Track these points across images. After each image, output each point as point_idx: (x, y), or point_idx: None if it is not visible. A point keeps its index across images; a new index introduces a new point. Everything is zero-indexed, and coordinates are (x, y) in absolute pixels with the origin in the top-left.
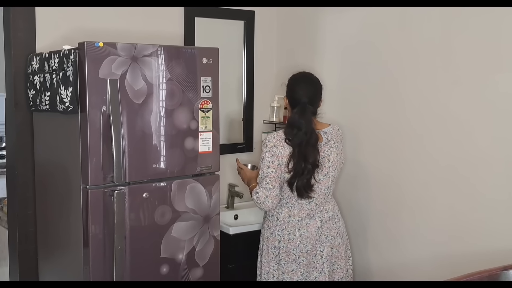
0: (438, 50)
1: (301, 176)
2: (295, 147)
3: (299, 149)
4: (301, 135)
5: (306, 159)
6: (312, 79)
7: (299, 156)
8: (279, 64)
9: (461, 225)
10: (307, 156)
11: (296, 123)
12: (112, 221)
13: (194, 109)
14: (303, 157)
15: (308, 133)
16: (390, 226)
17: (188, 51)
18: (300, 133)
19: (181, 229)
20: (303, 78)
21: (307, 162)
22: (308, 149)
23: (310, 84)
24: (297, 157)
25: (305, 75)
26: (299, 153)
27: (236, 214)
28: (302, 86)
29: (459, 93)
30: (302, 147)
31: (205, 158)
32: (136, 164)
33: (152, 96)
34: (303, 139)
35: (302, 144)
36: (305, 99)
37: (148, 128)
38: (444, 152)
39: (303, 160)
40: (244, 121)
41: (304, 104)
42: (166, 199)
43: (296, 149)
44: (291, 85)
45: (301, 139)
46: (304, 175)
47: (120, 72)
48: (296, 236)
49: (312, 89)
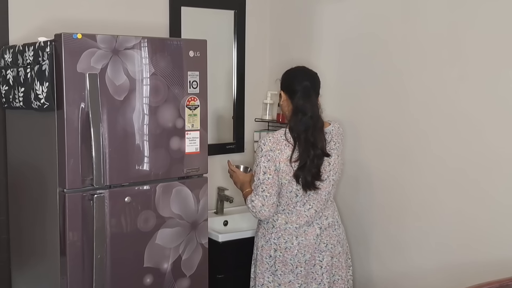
0: (445, 41)
1: (310, 165)
2: (301, 134)
3: (306, 135)
4: (307, 120)
5: (315, 144)
6: (310, 71)
7: (306, 143)
8: (273, 57)
9: (470, 232)
10: (316, 142)
11: (301, 107)
12: (92, 227)
13: (180, 106)
14: (311, 143)
15: (314, 117)
16: (393, 233)
17: (174, 43)
18: (305, 118)
19: (166, 236)
20: (300, 71)
21: (316, 148)
22: (315, 133)
23: (309, 75)
24: (304, 144)
25: (301, 68)
26: (306, 140)
27: (226, 220)
28: (300, 76)
29: (468, 89)
30: (308, 132)
31: (192, 159)
32: (117, 165)
33: (134, 92)
34: (309, 124)
35: (308, 129)
36: (307, 83)
37: (130, 126)
38: (452, 153)
39: (311, 146)
40: (235, 119)
41: (306, 87)
42: (150, 203)
43: (302, 136)
44: (287, 79)
45: (307, 124)
46: (313, 164)
47: (100, 66)
48: (294, 244)
49: (311, 79)
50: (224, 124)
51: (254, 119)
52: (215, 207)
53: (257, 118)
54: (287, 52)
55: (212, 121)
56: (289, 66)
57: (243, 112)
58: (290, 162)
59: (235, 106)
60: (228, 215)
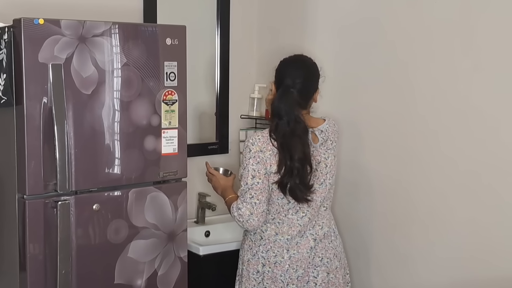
0: (456, 28)
1: (291, 177)
2: (279, 140)
3: (283, 141)
4: (283, 124)
5: (291, 155)
6: (306, 62)
7: (283, 150)
8: (261, 46)
9: (484, 243)
10: (292, 151)
11: (275, 109)
12: (55, 238)
13: (155, 101)
14: (288, 152)
15: (290, 122)
16: (397, 245)
17: (149, 29)
18: (281, 122)
19: (139, 249)
20: (294, 61)
21: (293, 160)
22: (293, 141)
23: (301, 68)
24: (281, 151)
25: (297, 57)
26: (283, 146)
27: (208, 231)
28: (290, 69)
29: (482, 82)
30: (286, 138)
31: (169, 162)
32: (85, 168)
33: (104, 85)
34: (285, 130)
35: (286, 135)
36: (288, 81)
37: (99, 124)
38: (464, 154)
39: (288, 156)
40: (218, 116)
41: (286, 87)
42: (121, 211)
43: (279, 140)
44: (279, 69)
45: (283, 130)
46: (293, 176)
47: (64, 55)
48: (285, 258)
49: (301, 73)
50: (205, 122)
51: (240, 116)
52: (196, 215)
53: (243, 114)
54: (277, 40)
55: (192, 118)
56: (279, 55)
57: (227, 108)
58: None
59: (218, 101)
60: (210, 224)
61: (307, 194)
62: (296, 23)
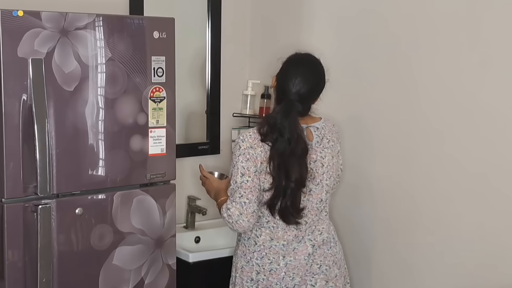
0: (462, 21)
1: (283, 198)
2: (275, 157)
3: (281, 160)
4: (283, 142)
5: (288, 175)
6: (315, 69)
7: (279, 170)
8: (254, 40)
9: (493, 250)
10: (289, 171)
11: (278, 125)
12: (36, 245)
13: (142, 98)
14: (285, 172)
15: (292, 141)
16: (400, 252)
17: (135, 22)
18: (282, 139)
19: (125, 256)
20: (303, 65)
21: (289, 180)
22: (291, 161)
23: (311, 75)
24: (277, 171)
25: (308, 60)
26: (280, 166)
27: (198, 236)
28: (299, 77)
29: (489, 78)
30: (284, 158)
31: (157, 163)
32: (67, 170)
33: (87, 81)
34: (286, 148)
35: (284, 154)
36: (295, 96)
37: (82, 123)
38: (470, 155)
39: (284, 176)
40: (209, 114)
41: (290, 102)
42: (106, 216)
43: (276, 159)
44: (286, 72)
45: (283, 148)
46: (286, 197)
47: (45, 49)
48: (280, 265)
49: (310, 83)
50: (195, 120)
51: (232, 114)
52: (185, 220)
53: (235, 112)
54: (272, 33)
55: (181, 116)
56: (274, 49)
57: (219, 106)
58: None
59: (209, 98)
60: (201, 230)
61: (297, 217)
62: (292, 14)
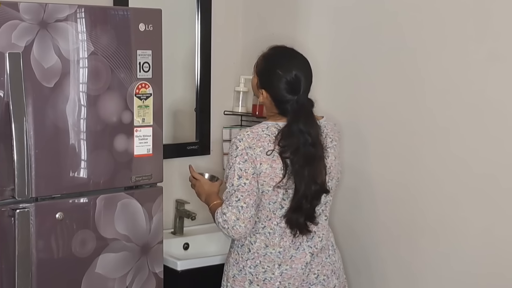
0: (470, 11)
1: (305, 206)
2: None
3: (308, 167)
4: (308, 147)
5: (315, 179)
6: (304, 58)
7: (308, 176)
8: (247, 32)
9: (502, 257)
10: (316, 175)
11: (304, 134)
12: (13, 251)
13: (127, 95)
14: (312, 177)
15: (316, 144)
16: (404, 258)
17: (119, 13)
18: (307, 145)
19: (109, 263)
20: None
21: (316, 184)
22: (319, 165)
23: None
24: (306, 178)
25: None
26: (307, 172)
27: (187, 243)
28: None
29: (499, 72)
30: (310, 163)
31: (143, 164)
32: (47, 172)
33: (68, 77)
34: (310, 152)
35: (310, 160)
36: (304, 96)
37: (63, 121)
38: (479, 156)
39: (312, 181)
40: (198, 112)
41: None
42: (88, 221)
43: (299, 167)
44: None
45: (308, 153)
46: (308, 204)
47: (23, 43)
48: (275, 275)
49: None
50: (184, 119)
51: (223, 112)
52: (173, 225)
53: (226, 110)
54: (266, 25)
55: (168, 114)
56: (268, 43)
57: (209, 103)
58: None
59: (199, 95)
60: (190, 236)
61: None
62: (287, 5)
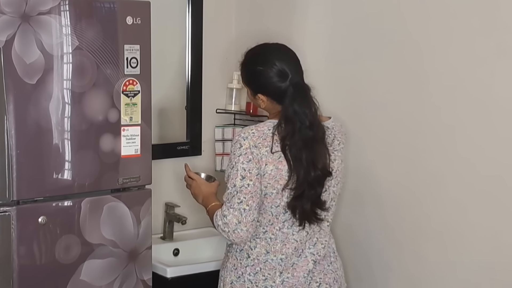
0: (477, 5)
1: (308, 192)
2: (296, 151)
3: (305, 153)
4: (305, 130)
5: (315, 163)
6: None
7: (306, 163)
8: (240, 26)
9: (510, 263)
10: (316, 159)
11: (300, 115)
12: None
13: (114, 92)
14: (312, 161)
15: (315, 126)
16: (407, 265)
17: (106, 6)
18: (303, 127)
19: (95, 270)
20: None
21: (317, 168)
22: (318, 148)
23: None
24: (304, 162)
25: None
26: (306, 159)
27: (177, 248)
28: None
29: (508, 68)
30: (308, 146)
31: (130, 165)
32: (28, 174)
33: (51, 73)
34: (307, 135)
35: (308, 143)
36: (296, 77)
37: (46, 120)
38: (486, 156)
39: (312, 166)
40: (189, 111)
41: (298, 84)
42: (72, 225)
43: (298, 153)
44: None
45: (306, 136)
46: (312, 190)
47: (4, 37)
48: (276, 283)
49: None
50: (174, 117)
51: (216, 110)
52: (162, 230)
53: (219, 108)
54: (260, 18)
55: (157, 113)
56: (262, 37)
57: (200, 101)
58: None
59: (189, 93)
60: (180, 241)
61: (321, 211)
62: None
